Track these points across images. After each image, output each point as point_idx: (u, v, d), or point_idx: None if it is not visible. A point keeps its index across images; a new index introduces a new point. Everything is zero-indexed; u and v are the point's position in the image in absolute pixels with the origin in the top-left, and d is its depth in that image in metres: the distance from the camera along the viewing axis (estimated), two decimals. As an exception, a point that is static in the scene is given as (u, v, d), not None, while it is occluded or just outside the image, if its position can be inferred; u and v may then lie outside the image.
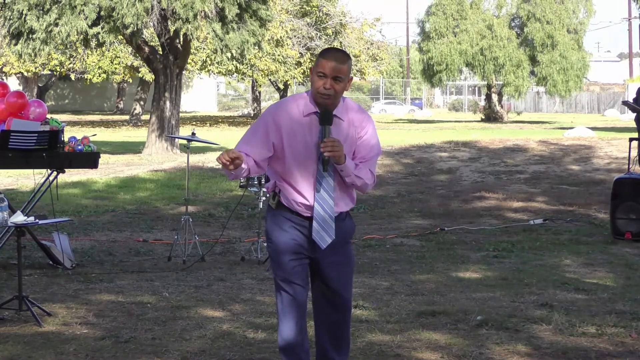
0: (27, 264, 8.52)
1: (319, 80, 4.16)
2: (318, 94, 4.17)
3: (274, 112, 4.24)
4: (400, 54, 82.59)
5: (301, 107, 4.23)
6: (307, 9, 42.26)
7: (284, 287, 4.32)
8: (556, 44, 40.02)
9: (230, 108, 69.28)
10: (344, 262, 4.40)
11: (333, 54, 4.20)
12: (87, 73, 41.62)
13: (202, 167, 17.68)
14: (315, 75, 4.17)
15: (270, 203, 4.34)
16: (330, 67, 4.14)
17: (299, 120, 4.21)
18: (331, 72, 4.14)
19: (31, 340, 5.85)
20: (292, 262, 4.29)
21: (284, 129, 4.20)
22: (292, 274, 4.29)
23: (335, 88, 4.15)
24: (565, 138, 21.95)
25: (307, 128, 4.21)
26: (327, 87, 4.14)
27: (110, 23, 19.92)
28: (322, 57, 4.19)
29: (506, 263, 8.88)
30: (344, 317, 4.45)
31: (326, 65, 4.14)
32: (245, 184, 9.10)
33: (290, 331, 4.34)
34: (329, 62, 4.15)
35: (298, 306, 4.33)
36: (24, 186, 14.29)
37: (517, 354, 5.53)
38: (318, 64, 4.17)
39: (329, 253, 4.31)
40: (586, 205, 12.93)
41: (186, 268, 8.52)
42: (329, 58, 4.16)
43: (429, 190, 14.91)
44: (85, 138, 8.62)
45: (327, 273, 4.37)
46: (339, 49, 4.32)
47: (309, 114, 4.22)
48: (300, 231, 4.29)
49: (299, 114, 4.22)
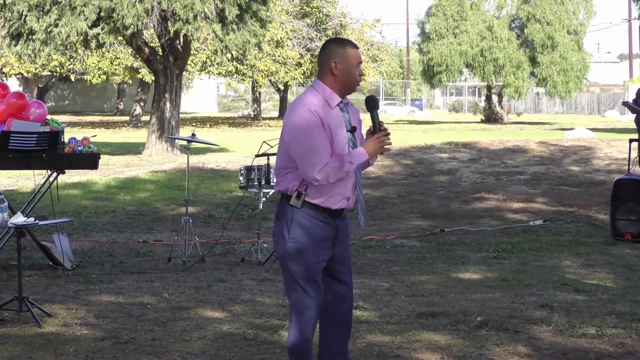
0: (27, 264, 8.52)
1: (356, 70, 4.32)
2: (356, 84, 4.34)
3: (314, 110, 4.23)
4: (401, 55, 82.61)
5: (328, 101, 4.29)
6: (307, 10, 42.27)
7: (307, 287, 4.31)
8: (556, 45, 40.02)
9: (230, 109, 69.30)
10: (350, 253, 4.52)
11: (354, 44, 4.39)
12: (87, 74, 41.61)
13: (202, 168, 17.68)
14: (353, 67, 4.30)
15: (294, 203, 4.30)
16: (359, 56, 4.36)
17: (332, 113, 4.29)
18: (360, 60, 4.36)
19: (31, 341, 5.85)
20: (318, 263, 4.32)
21: (326, 125, 4.24)
22: (317, 274, 4.33)
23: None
24: (565, 139, 21.95)
25: (339, 119, 4.31)
26: (362, 75, 4.36)
27: (110, 24, 19.92)
28: (350, 47, 4.33)
29: (506, 264, 8.88)
30: (351, 307, 4.57)
31: (357, 55, 4.34)
32: (245, 185, 9.09)
33: (308, 333, 4.36)
34: (357, 51, 4.35)
35: (317, 307, 4.37)
36: (24, 187, 14.29)
37: (517, 355, 5.53)
38: (350, 55, 4.30)
39: (341, 245, 4.43)
40: (586, 206, 12.93)
41: (186, 269, 8.52)
42: (355, 48, 4.35)
43: (429, 191, 14.91)
44: (85, 139, 8.63)
45: (338, 266, 4.44)
46: (347, 39, 4.49)
47: (336, 105, 4.32)
48: (328, 229, 4.33)
49: (330, 107, 4.29)
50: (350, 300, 4.54)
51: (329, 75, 4.30)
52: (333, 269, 4.44)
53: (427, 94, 74.98)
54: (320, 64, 4.34)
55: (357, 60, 4.31)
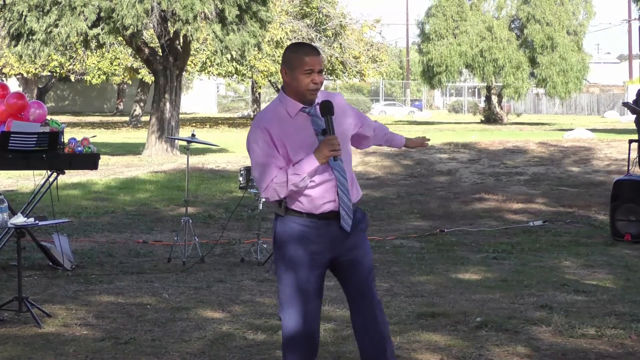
0: (27, 265, 8.53)
1: (306, 78, 4.12)
2: (308, 91, 4.14)
3: (263, 127, 4.14)
4: (400, 55, 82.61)
5: (288, 110, 4.18)
6: (307, 10, 42.28)
7: (292, 299, 4.22)
8: (556, 45, 40.01)
9: (230, 109, 69.29)
10: (358, 258, 4.32)
11: (309, 49, 4.19)
12: (87, 74, 41.62)
13: (202, 168, 17.68)
14: (302, 74, 4.12)
15: (278, 211, 4.24)
16: (315, 62, 4.13)
17: (291, 122, 4.17)
18: (317, 66, 4.13)
19: (31, 341, 5.85)
20: (308, 272, 4.20)
21: (277, 139, 4.13)
22: (306, 283, 4.21)
23: (321, 80, 4.18)
24: (565, 140, 21.95)
25: (302, 126, 4.18)
26: (316, 82, 4.13)
27: (110, 24, 19.93)
28: (303, 54, 4.14)
29: (506, 264, 8.88)
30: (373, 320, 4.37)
31: (311, 61, 4.12)
32: (245, 186, 9.10)
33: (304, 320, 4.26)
34: (312, 57, 4.14)
35: (302, 319, 4.24)
36: (24, 187, 14.30)
37: (516, 355, 5.53)
38: (301, 61, 4.12)
39: (348, 245, 4.27)
40: (586, 207, 12.93)
41: (186, 269, 8.53)
42: (310, 54, 4.14)
43: (428, 191, 14.91)
44: (85, 139, 8.63)
45: (346, 273, 4.33)
46: (305, 43, 4.32)
47: (301, 112, 4.18)
48: (316, 234, 4.19)
49: (289, 117, 4.17)
50: (368, 311, 4.33)
51: (285, 83, 4.20)
52: (341, 277, 4.34)
53: (427, 94, 74.98)
54: (280, 72, 4.26)
55: (306, 67, 4.10)
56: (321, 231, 4.21)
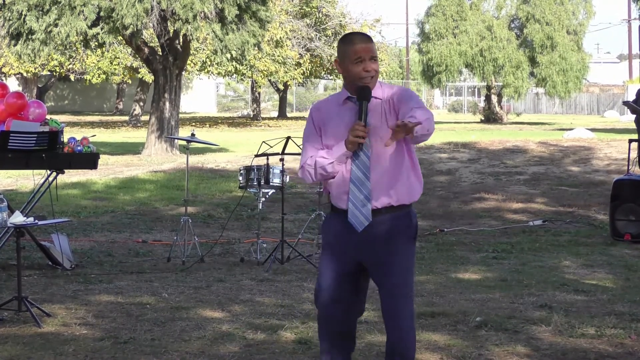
0: (27, 264, 8.52)
1: (357, 67, 4.10)
2: (361, 79, 4.10)
3: (311, 110, 4.25)
4: (400, 55, 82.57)
5: (338, 98, 4.20)
6: (307, 10, 42.26)
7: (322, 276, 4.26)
8: (556, 45, 40.00)
9: (229, 109, 69.24)
10: (388, 261, 4.15)
11: (358, 37, 4.16)
12: (86, 74, 41.58)
13: (202, 168, 17.68)
14: (352, 63, 4.09)
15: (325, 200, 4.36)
16: (364, 49, 4.09)
17: (336, 110, 4.18)
18: (367, 53, 4.10)
19: (30, 341, 5.85)
20: (338, 266, 4.20)
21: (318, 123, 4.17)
22: (335, 275, 4.22)
23: (374, 68, 4.11)
24: (564, 139, 21.95)
25: (346, 114, 4.14)
26: (368, 70, 4.09)
27: (109, 24, 19.92)
28: (352, 44, 4.12)
29: (505, 264, 8.88)
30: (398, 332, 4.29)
31: (360, 49, 4.09)
32: (244, 185, 9.09)
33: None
34: (361, 45, 4.10)
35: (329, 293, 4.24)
36: (24, 187, 14.29)
37: (516, 355, 5.53)
38: (349, 51, 4.10)
39: (371, 252, 4.16)
40: (586, 207, 12.93)
41: (185, 269, 8.52)
42: (359, 42, 4.11)
43: (428, 191, 14.90)
44: (84, 139, 8.63)
45: (375, 277, 4.25)
46: (355, 32, 4.29)
47: (347, 100, 4.16)
48: (346, 231, 4.14)
49: (339, 104, 4.19)
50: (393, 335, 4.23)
51: (341, 74, 4.22)
52: (376, 280, 4.25)
53: (427, 94, 74.91)
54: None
55: (355, 56, 4.08)
56: (350, 229, 4.12)
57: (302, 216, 12.25)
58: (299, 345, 5.75)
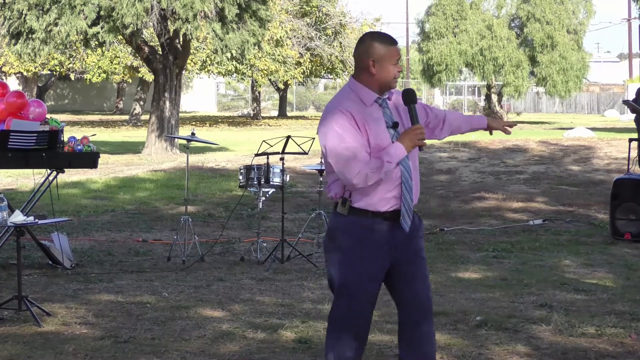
0: (27, 263, 8.52)
1: (395, 68, 4.12)
2: (394, 80, 4.13)
3: (346, 110, 4.03)
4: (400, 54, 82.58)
5: (363, 99, 4.11)
6: (307, 9, 42.24)
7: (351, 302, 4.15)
8: (556, 44, 39.98)
9: (229, 108, 69.23)
10: (415, 264, 4.23)
11: (393, 39, 4.18)
12: (86, 73, 41.56)
13: (202, 167, 17.68)
14: (392, 64, 4.09)
15: (340, 210, 4.10)
16: (399, 51, 4.16)
17: (368, 111, 4.09)
18: (399, 56, 4.16)
19: (30, 340, 5.85)
20: (368, 275, 4.13)
21: (361, 124, 4.03)
22: (365, 287, 4.14)
23: (400, 69, 4.19)
24: (565, 138, 21.94)
25: (377, 116, 4.11)
26: (400, 70, 4.15)
27: (110, 23, 19.91)
28: (393, 44, 4.13)
29: (506, 263, 8.88)
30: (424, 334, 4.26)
31: (397, 51, 4.14)
32: (244, 184, 9.09)
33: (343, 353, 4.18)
34: (397, 46, 4.16)
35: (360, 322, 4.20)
36: (24, 186, 14.29)
37: (516, 354, 5.53)
38: (390, 52, 4.10)
39: (402, 253, 4.16)
40: (586, 206, 12.93)
41: (185, 268, 8.52)
42: (395, 43, 4.15)
43: (428, 190, 14.90)
44: (84, 138, 8.62)
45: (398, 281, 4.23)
46: (385, 33, 4.27)
47: (374, 102, 4.12)
48: (380, 235, 4.09)
49: (364, 105, 4.10)
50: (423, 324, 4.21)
51: (365, 73, 4.10)
52: (394, 283, 4.23)
53: (427, 93, 74.91)
54: (357, 61, 4.14)
55: (396, 57, 4.10)
56: (384, 233, 4.10)
57: (302, 215, 12.24)
58: (299, 344, 5.76)
